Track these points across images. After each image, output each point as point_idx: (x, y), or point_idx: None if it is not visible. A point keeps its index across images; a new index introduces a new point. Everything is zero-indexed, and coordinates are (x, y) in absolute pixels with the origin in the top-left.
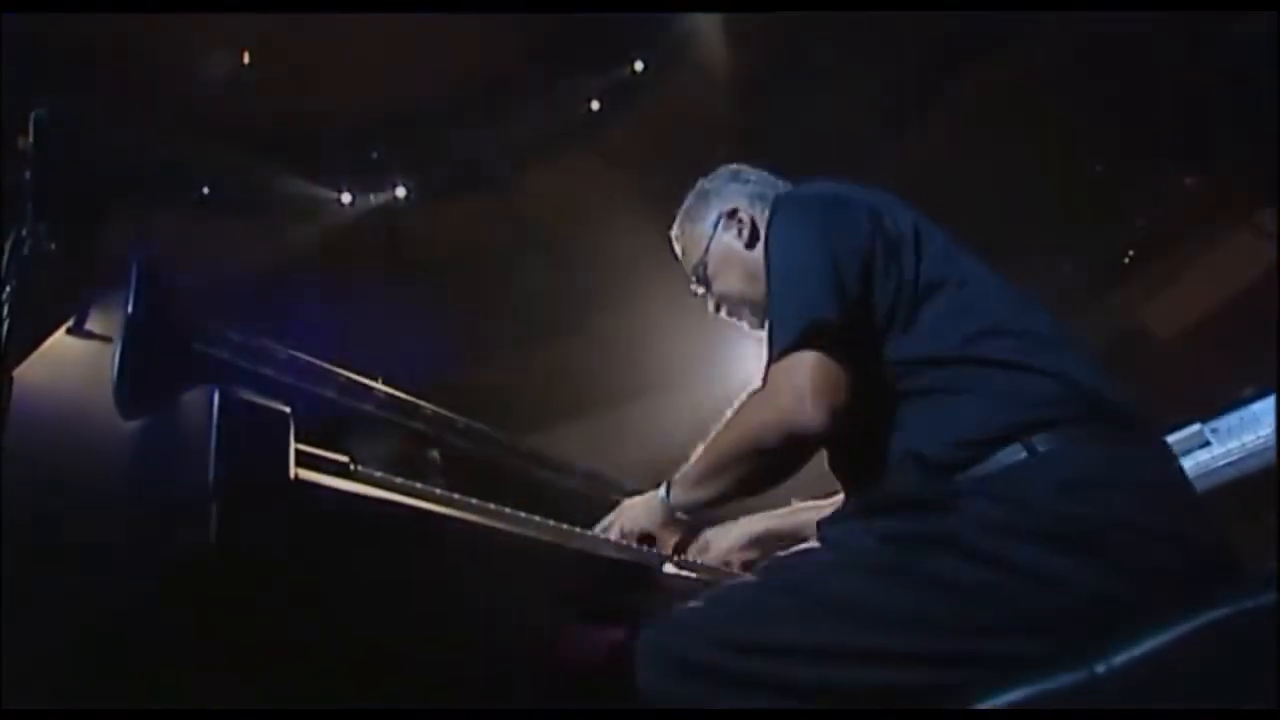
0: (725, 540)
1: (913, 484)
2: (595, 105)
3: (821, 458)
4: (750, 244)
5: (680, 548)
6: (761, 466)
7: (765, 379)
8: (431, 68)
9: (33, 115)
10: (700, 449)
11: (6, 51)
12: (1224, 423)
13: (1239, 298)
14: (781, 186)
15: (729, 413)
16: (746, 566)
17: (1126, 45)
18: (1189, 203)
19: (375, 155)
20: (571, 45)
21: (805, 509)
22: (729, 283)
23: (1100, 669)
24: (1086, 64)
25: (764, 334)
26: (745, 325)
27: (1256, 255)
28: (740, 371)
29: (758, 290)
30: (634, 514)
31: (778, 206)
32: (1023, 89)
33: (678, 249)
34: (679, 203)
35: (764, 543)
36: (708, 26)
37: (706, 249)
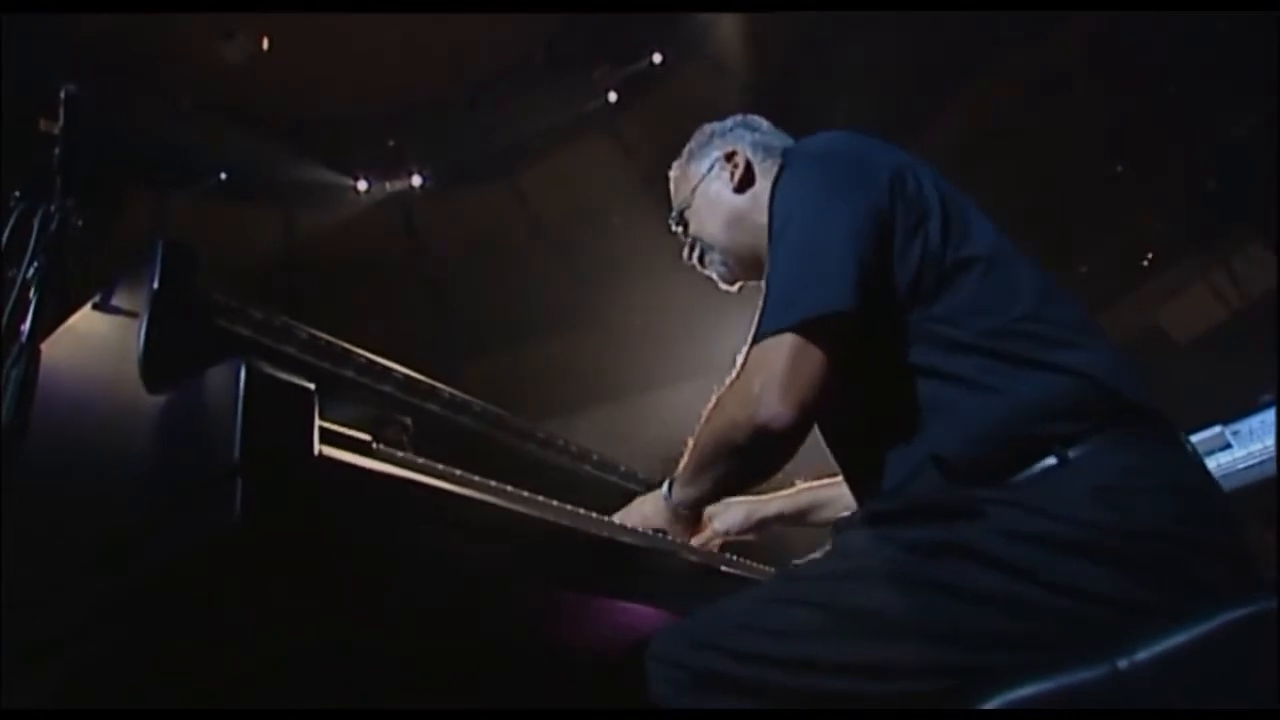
0: (726, 520)
1: (937, 490)
2: (613, 97)
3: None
4: (740, 188)
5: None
6: (737, 466)
7: (741, 364)
8: (450, 58)
9: (62, 92)
10: (689, 443)
11: (34, 37)
12: (1245, 425)
13: (1260, 301)
14: (792, 142)
15: (710, 403)
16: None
17: (1143, 46)
18: (1208, 206)
19: (392, 144)
20: (590, 37)
21: (809, 489)
22: (705, 225)
23: (1109, 670)
24: (1103, 65)
25: (734, 290)
26: (713, 274)
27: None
28: None
29: (731, 238)
30: (642, 511)
31: (790, 159)
32: (1039, 89)
33: (672, 186)
34: None
35: (768, 525)
36: (725, 21)
37: (695, 188)
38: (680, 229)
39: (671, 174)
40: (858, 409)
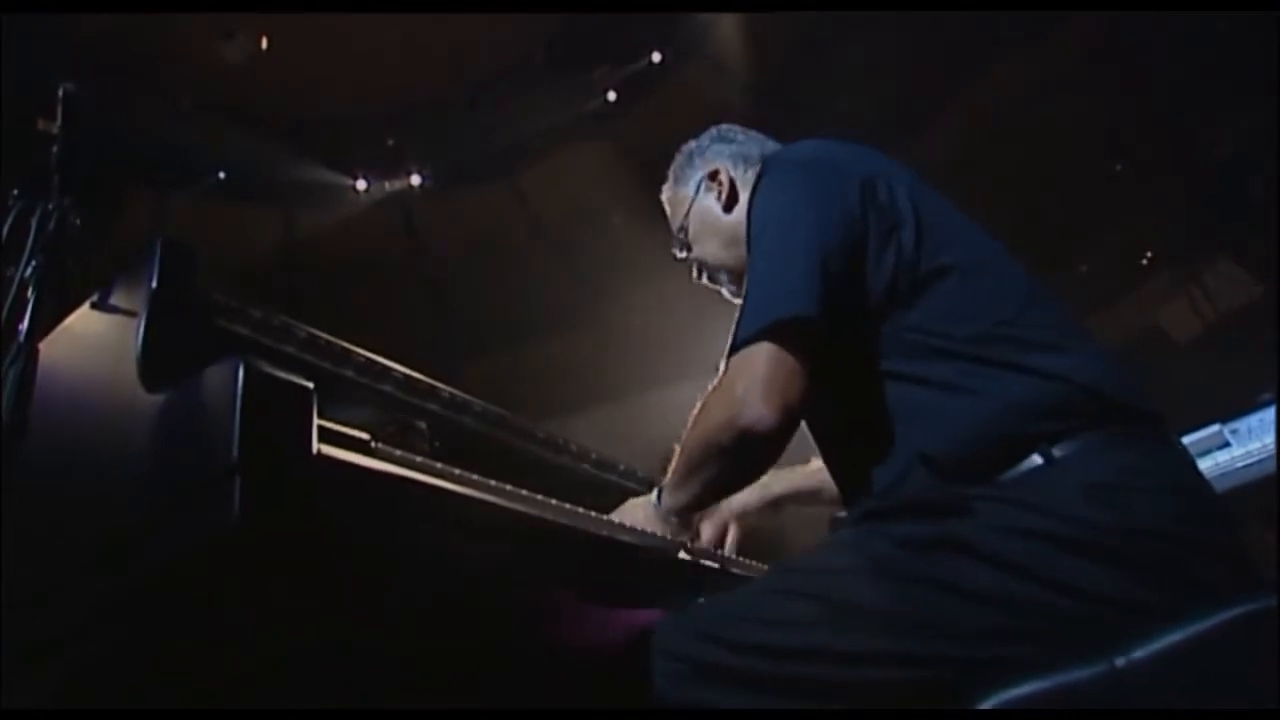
0: (742, 499)
1: (928, 488)
2: (612, 97)
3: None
4: (728, 207)
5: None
6: (725, 469)
7: (724, 371)
8: (450, 58)
9: (61, 91)
10: (676, 451)
11: (34, 36)
12: (1244, 424)
13: (1261, 299)
14: (771, 146)
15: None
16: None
17: (1144, 46)
18: (1207, 206)
19: (392, 143)
20: (589, 37)
21: (823, 468)
22: (706, 248)
23: (1107, 669)
24: (1103, 65)
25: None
26: (725, 293)
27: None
28: None
29: (734, 256)
30: (634, 517)
31: (767, 168)
32: (1039, 89)
33: (667, 210)
34: None
35: (782, 503)
36: (725, 21)
37: (687, 212)
38: (684, 253)
39: (663, 198)
40: (843, 414)
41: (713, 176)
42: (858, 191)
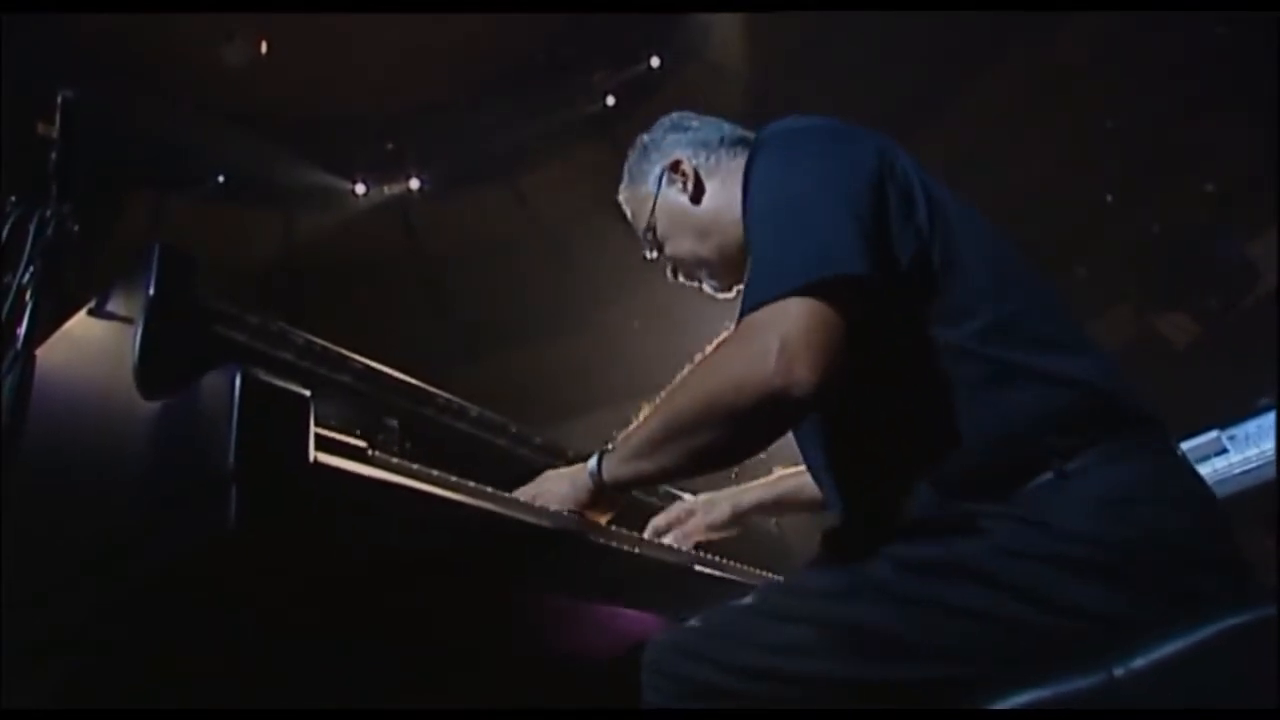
0: (709, 515)
1: (933, 505)
2: (610, 101)
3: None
4: (696, 198)
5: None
6: (726, 436)
7: (739, 327)
8: (448, 61)
9: (60, 97)
10: (646, 411)
11: (33, 39)
12: (1241, 430)
13: (1260, 302)
14: (730, 130)
15: (688, 367)
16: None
17: (1148, 47)
18: (1206, 208)
19: (391, 146)
20: (588, 41)
21: (790, 475)
22: (681, 245)
23: (1105, 678)
24: (1103, 65)
25: (731, 296)
26: (706, 288)
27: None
28: None
29: (711, 248)
30: (556, 490)
31: (762, 142)
32: (1039, 91)
33: (626, 212)
34: None
35: (749, 516)
36: (724, 24)
37: (652, 210)
38: (655, 253)
39: (621, 198)
40: (846, 417)
41: (674, 168)
42: (876, 159)
